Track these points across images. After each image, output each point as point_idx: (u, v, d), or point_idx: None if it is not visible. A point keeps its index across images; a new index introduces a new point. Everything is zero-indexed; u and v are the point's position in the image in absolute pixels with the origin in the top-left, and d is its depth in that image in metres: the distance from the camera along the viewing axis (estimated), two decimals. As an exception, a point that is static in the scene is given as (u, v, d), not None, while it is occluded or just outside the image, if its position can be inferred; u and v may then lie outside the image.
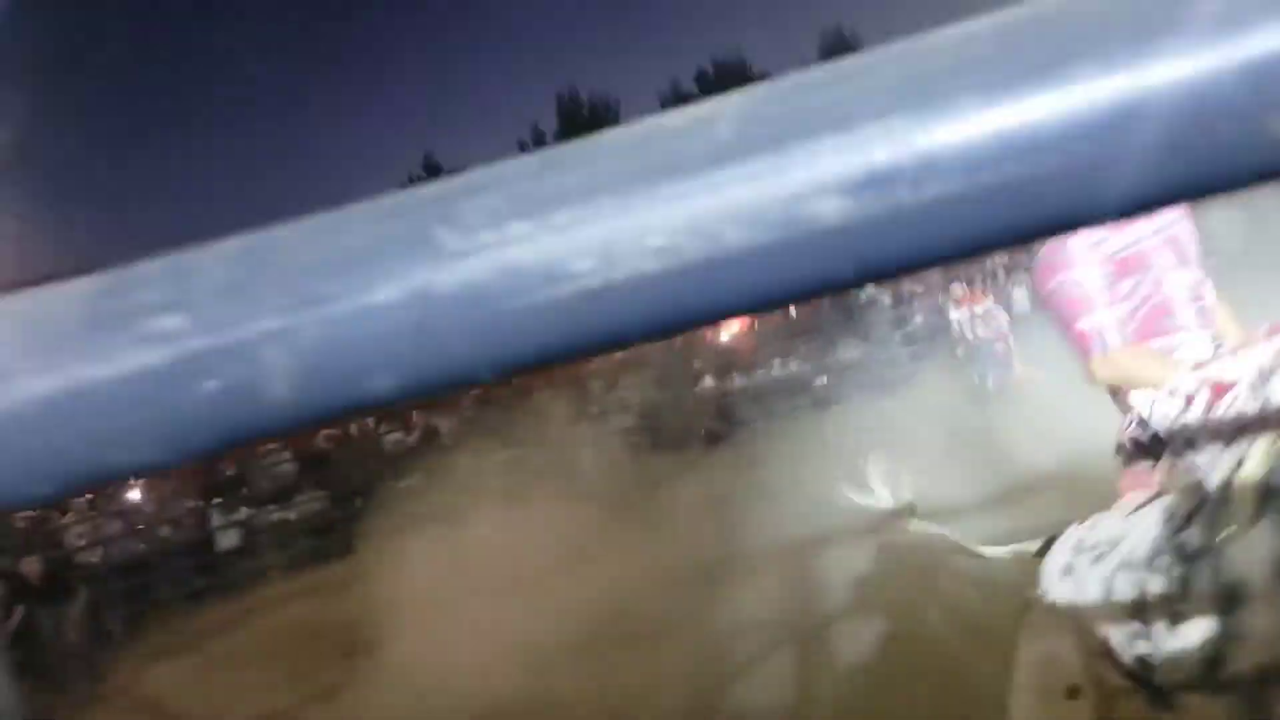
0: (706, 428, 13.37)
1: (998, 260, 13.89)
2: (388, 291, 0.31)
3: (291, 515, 12.77)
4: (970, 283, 13.03)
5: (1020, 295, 13.23)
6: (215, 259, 0.33)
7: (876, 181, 0.29)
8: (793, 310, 14.97)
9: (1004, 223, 0.30)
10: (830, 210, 0.30)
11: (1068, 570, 1.89)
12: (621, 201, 0.31)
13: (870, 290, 13.85)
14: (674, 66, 43.44)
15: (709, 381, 14.57)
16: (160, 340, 0.32)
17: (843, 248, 0.30)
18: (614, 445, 11.86)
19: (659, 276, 0.31)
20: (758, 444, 11.30)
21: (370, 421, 14.25)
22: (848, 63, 0.31)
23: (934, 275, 14.19)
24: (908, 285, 13.90)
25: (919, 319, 13.78)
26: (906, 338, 13.66)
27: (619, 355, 15.90)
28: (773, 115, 0.31)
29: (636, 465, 10.89)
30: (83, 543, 12.17)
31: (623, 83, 63.97)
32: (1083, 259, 2.12)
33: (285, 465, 13.89)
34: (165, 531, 13.05)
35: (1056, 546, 2.01)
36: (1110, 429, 2.18)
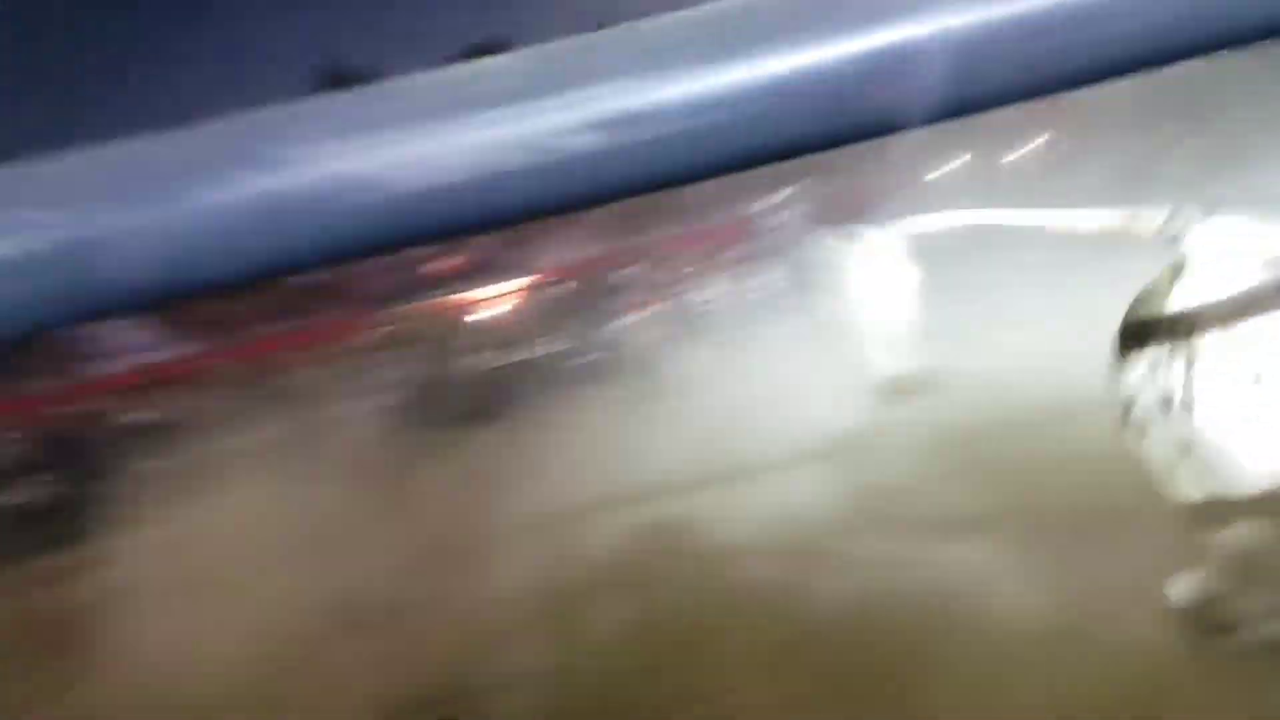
0: (471, 405, 13.34)
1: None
2: (237, 193, 0.40)
3: (19, 498, 11.88)
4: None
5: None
6: (92, 161, 0.40)
7: (622, 122, 0.41)
8: (568, 284, 15.10)
9: (710, 158, 0.42)
10: (586, 142, 0.41)
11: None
12: (427, 128, 0.40)
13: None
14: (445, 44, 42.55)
15: (476, 357, 14.54)
16: (35, 229, 0.39)
17: (596, 170, 0.42)
18: (372, 424, 11.66)
19: (457, 187, 0.41)
20: (523, 421, 11.37)
21: (110, 398, 13.42)
22: (603, 33, 0.43)
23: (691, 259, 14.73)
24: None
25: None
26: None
27: (381, 330, 15.59)
28: (543, 69, 0.41)
29: (395, 444, 10.76)
30: None
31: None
32: None
33: (13, 444, 12.89)
34: None
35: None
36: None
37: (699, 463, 7.02)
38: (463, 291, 16.17)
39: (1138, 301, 2.65)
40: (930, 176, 14.52)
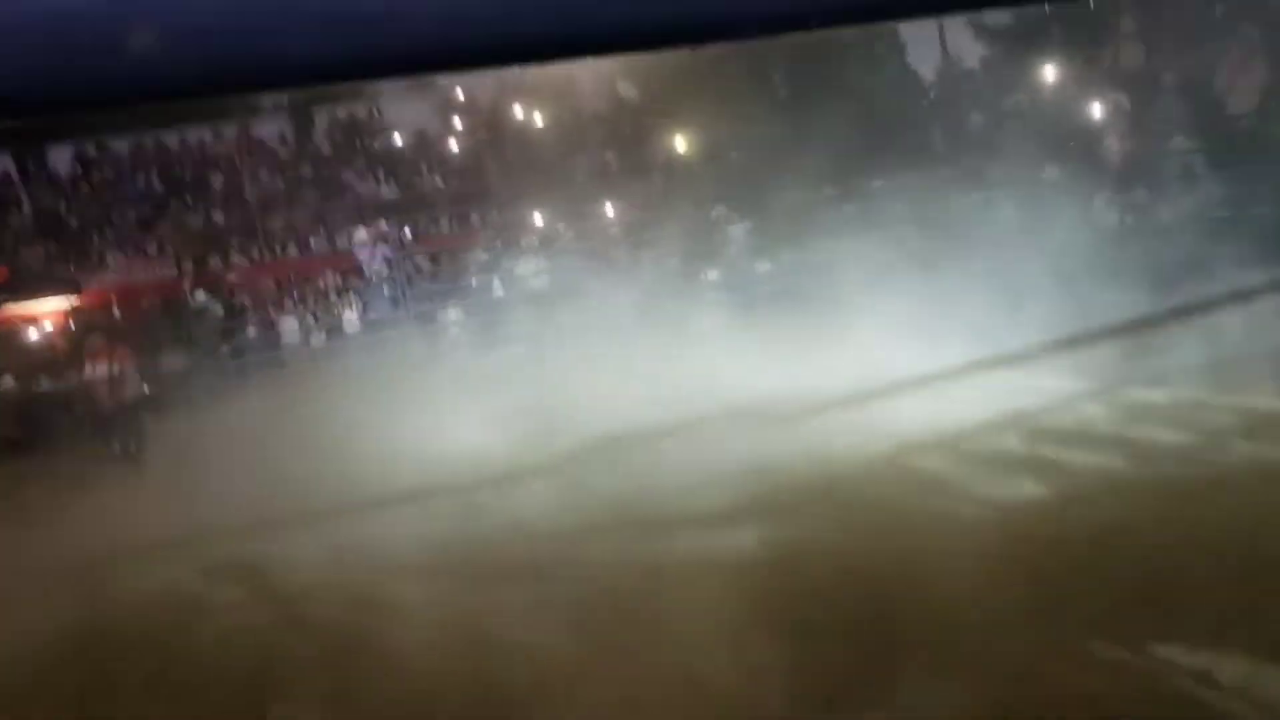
0: (3, 434, 11.92)
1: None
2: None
3: None
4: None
5: (351, 316, 13.84)
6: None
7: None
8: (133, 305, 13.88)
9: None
10: None
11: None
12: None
13: (201, 298, 13.47)
14: None
15: (10, 382, 13.00)
16: None
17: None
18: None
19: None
20: (61, 452, 10.39)
21: None
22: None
23: (268, 290, 14.21)
24: (239, 298, 13.76)
25: (251, 330, 13.68)
26: (235, 350, 13.44)
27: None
28: None
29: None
30: None
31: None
32: None
33: None
34: None
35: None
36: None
37: (267, 502, 6.96)
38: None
39: None
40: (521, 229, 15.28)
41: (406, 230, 16.12)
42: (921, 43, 18.55)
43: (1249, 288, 7.95)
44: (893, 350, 8.28)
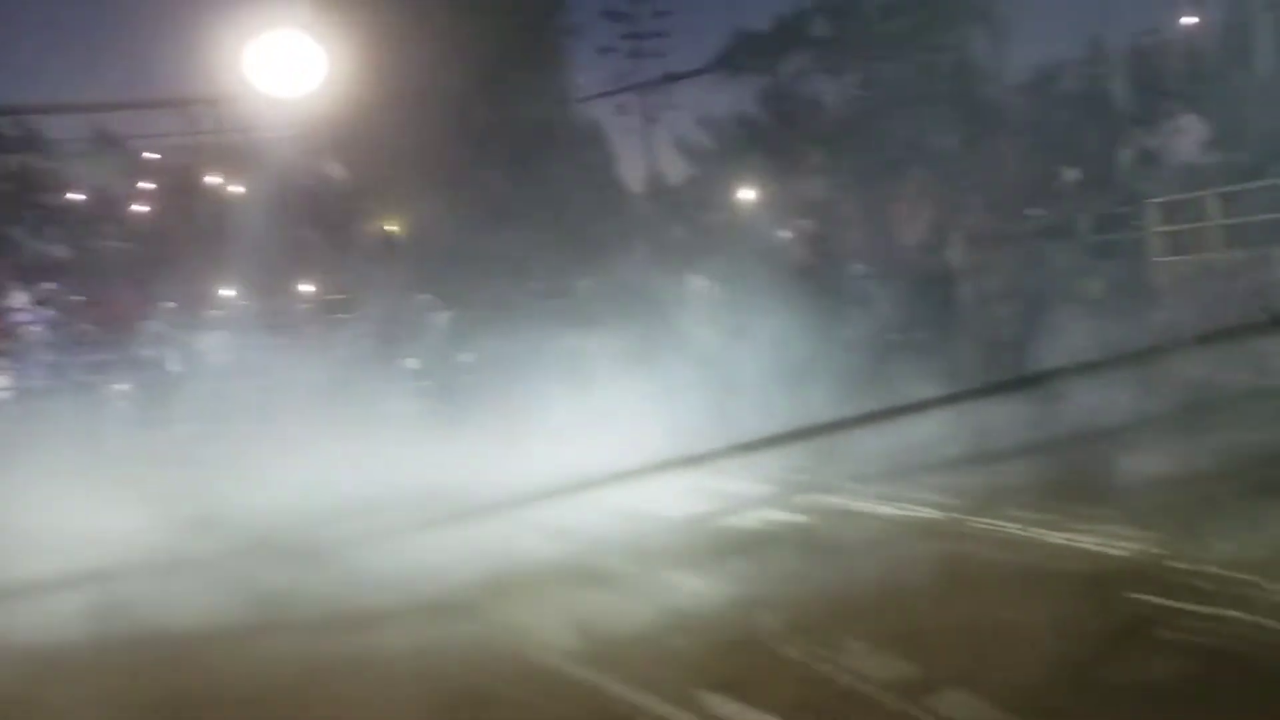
0: None
1: None
2: None
3: None
4: None
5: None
6: None
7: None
8: None
9: None
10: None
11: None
12: None
13: None
14: None
15: None
16: None
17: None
18: None
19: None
20: None
21: None
22: None
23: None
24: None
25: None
26: None
27: None
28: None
29: None
30: None
31: None
32: None
33: None
34: None
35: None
36: None
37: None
38: None
39: None
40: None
41: (75, 294, 14.96)
42: (631, 153, 19.53)
43: (919, 400, 8.62)
44: (586, 448, 8.27)
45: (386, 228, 15.47)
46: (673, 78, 22.30)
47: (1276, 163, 9.93)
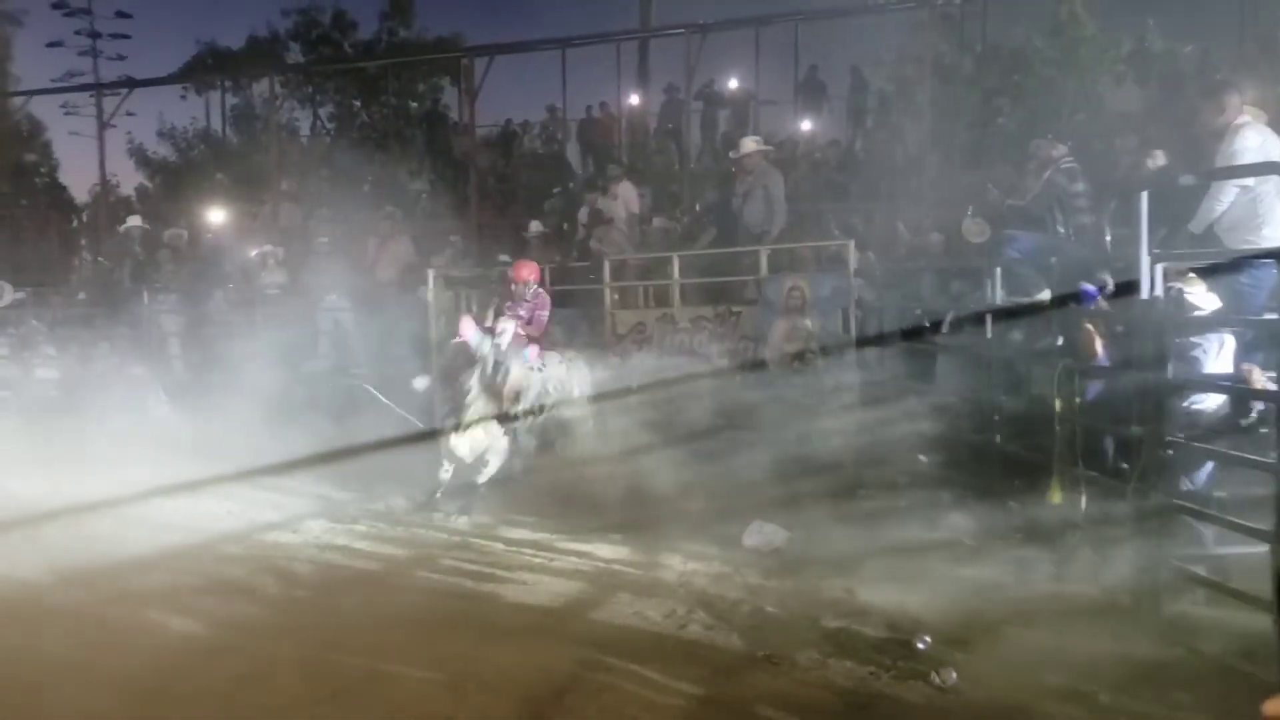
0: None
1: None
2: None
3: None
4: None
5: None
6: None
7: None
8: None
9: None
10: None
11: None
12: None
13: None
14: None
15: None
16: None
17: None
18: None
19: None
20: None
21: None
22: None
23: None
24: None
25: None
26: None
27: None
28: None
29: None
30: None
31: None
32: None
33: None
34: None
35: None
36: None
37: None
38: None
39: None
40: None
41: None
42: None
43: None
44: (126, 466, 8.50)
45: None
46: (134, 83, 20.45)
47: (705, 231, 11.60)
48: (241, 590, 6.20)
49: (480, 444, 8.31)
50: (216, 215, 15.52)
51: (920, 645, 5.09)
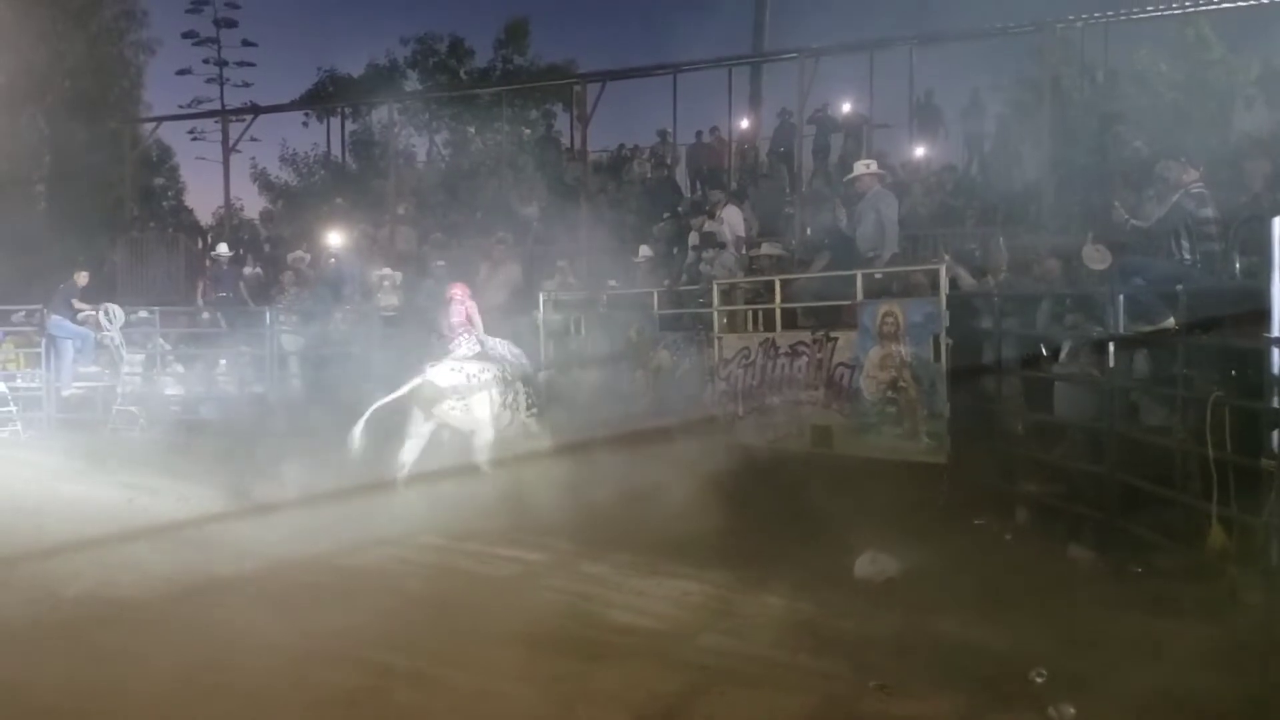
0: None
1: None
2: None
3: None
4: None
5: None
6: None
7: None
8: None
9: None
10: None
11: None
12: None
13: None
14: None
15: None
16: None
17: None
18: None
19: None
20: None
21: None
22: None
23: None
24: None
25: None
26: None
27: None
28: None
29: None
30: None
31: None
32: None
33: None
34: None
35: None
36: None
37: None
38: None
39: None
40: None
41: None
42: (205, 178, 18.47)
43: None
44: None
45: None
46: (258, 109, 21.36)
47: (820, 255, 11.53)
48: (357, 603, 6.35)
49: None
50: (336, 238, 16.03)
51: (1037, 679, 4.96)
